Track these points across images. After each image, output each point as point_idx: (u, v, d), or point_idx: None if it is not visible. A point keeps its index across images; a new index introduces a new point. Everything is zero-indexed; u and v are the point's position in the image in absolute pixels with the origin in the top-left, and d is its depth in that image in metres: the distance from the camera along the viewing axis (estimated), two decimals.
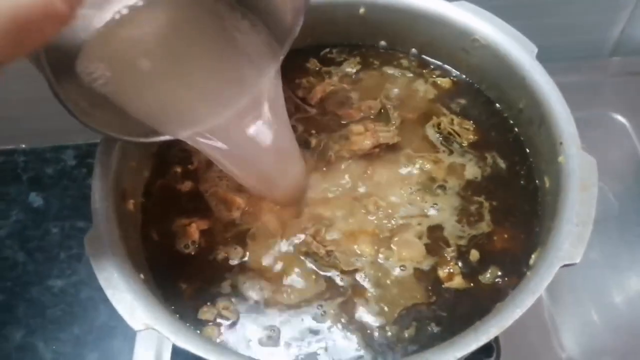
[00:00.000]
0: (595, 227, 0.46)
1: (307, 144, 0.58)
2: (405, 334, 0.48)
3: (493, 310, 0.46)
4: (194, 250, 0.53)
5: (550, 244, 0.46)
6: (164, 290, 0.50)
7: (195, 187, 0.57)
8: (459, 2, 0.59)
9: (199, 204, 0.56)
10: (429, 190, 0.55)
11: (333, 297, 0.50)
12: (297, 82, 0.63)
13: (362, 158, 0.57)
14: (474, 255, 0.51)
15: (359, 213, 0.54)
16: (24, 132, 0.81)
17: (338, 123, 0.60)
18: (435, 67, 0.64)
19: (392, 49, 0.65)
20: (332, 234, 0.53)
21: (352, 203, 0.55)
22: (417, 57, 0.65)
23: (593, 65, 0.84)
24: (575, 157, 0.50)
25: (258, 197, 0.54)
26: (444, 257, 0.51)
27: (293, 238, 0.53)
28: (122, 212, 0.51)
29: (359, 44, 0.66)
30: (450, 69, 0.64)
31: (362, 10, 0.62)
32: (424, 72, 0.64)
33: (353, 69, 0.64)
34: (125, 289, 0.44)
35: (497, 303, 0.48)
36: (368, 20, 0.63)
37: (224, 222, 0.54)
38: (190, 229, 0.53)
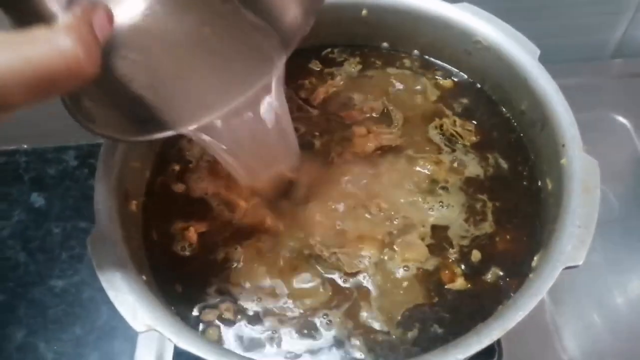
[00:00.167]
0: (597, 229, 0.46)
1: (309, 146, 0.58)
2: (409, 336, 0.48)
3: (495, 313, 0.46)
4: (194, 252, 0.53)
5: (553, 247, 0.46)
6: (166, 292, 0.50)
7: (196, 187, 0.57)
8: (461, 4, 0.59)
9: (200, 205, 0.55)
10: (432, 192, 0.55)
11: (336, 299, 0.50)
12: (299, 83, 0.63)
13: (364, 160, 0.57)
14: (476, 256, 0.51)
15: (362, 215, 0.54)
16: (26, 132, 0.81)
17: (340, 124, 0.60)
18: (438, 67, 0.64)
19: (394, 50, 0.65)
20: (335, 236, 0.53)
21: (354, 205, 0.54)
22: (419, 57, 0.65)
23: (595, 67, 0.84)
24: (578, 159, 0.50)
25: (250, 189, 0.54)
26: (447, 258, 0.51)
27: (296, 240, 0.53)
28: (124, 213, 0.51)
29: (361, 45, 0.66)
30: (453, 70, 0.64)
31: (364, 12, 0.62)
32: (427, 72, 0.64)
33: (355, 70, 0.64)
34: (128, 291, 0.44)
35: (499, 304, 0.48)
36: (370, 22, 0.63)
37: (225, 223, 0.54)
38: (189, 232, 0.53)
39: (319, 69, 0.64)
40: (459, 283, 0.50)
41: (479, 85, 0.62)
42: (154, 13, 0.45)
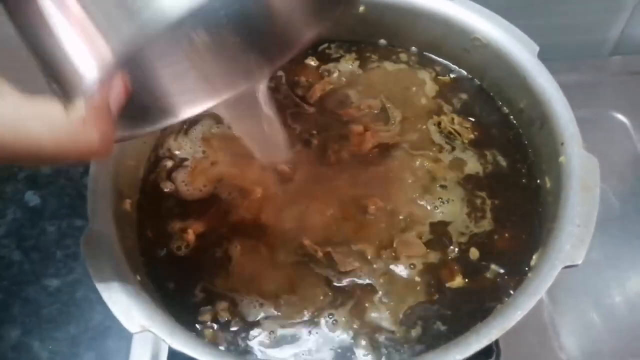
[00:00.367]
0: (596, 227, 0.46)
1: (307, 144, 0.58)
2: (412, 334, 0.48)
3: (494, 312, 0.46)
4: (189, 252, 0.52)
5: (552, 245, 0.46)
6: (161, 292, 0.50)
7: (191, 185, 0.56)
8: (460, 0, 0.58)
9: (194, 203, 0.55)
10: (431, 189, 0.55)
11: (334, 299, 0.50)
12: (296, 80, 0.62)
13: (362, 158, 0.57)
14: (475, 254, 0.51)
15: (359, 213, 0.53)
16: None
17: (338, 122, 0.59)
18: (436, 64, 0.64)
19: (392, 47, 0.65)
20: (331, 235, 0.52)
21: (352, 203, 0.54)
22: (417, 54, 0.64)
23: (593, 65, 0.84)
24: (577, 156, 0.49)
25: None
26: (445, 256, 0.51)
27: (291, 239, 0.52)
28: (118, 212, 0.50)
29: (359, 41, 0.65)
30: (451, 66, 0.63)
31: (362, 9, 0.61)
32: (425, 69, 0.63)
33: (352, 67, 0.64)
34: (121, 291, 0.44)
35: (499, 302, 0.48)
36: (368, 19, 0.62)
37: (221, 222, 0.54)
38: (186, 232, 0.53)
39: (316, 65, 0.64)
40: (458, 281, 0.50)
41: (478, 82, 0.62)
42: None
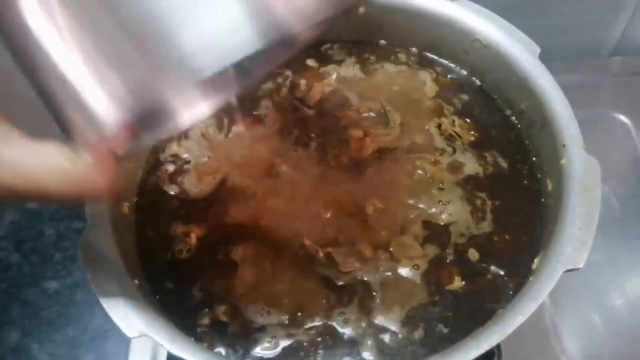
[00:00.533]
0: (597, 229, 0.45)
1: (306, 147, 0.57)
2: (415, 336, 0.48)
3: (495, 317, 0.46)
4: (191, 255, 0.52)
5: (553, 248, 0.46)
6: (160, 295, 0.50)
7: (190, 188, 0.56)
8: (460, 0, 0.58)
9: (198, 207, 0.55)
10: (430, 191, 0.54)
11: (332, 301, 0.49)
12: (295, 81, 0.62)
13: (361, 162, 0.56)
14: (474, 256, 0.51)
15: (358, 216, 0.53)
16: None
17: (337, 125, 0.59)
18: (437, 64, 0.63)
19: (392, 48, 0.64)
20: (330, 237, 0.52)
21: (351, 205, 0.54)
22: (417, 55, 0.64)
23: (594, 65, 0.84)
24: (578, 158, 0.49)
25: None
26: (444, 258, 0.51)
27: (293, 240, 0.52)
28: (116, 215, 0.50)
29: (358, 42, 0.65)
30: (452, 67, 0.63)
31: (362, 9, 0.61)
32: (425, 69, 0.63)
33: (352, 68, 0.63)
34: (119, 295, 0.43)
35: (499, 303, 0.48)
36: (367, 19, 0.62)
37: (221, 225, 0.53)
38: (188, 235, 0.53)
39: (315, 67, 0.63)
40: (458, 283, 0.50)
41: (479, 83, 0.62)
42: None
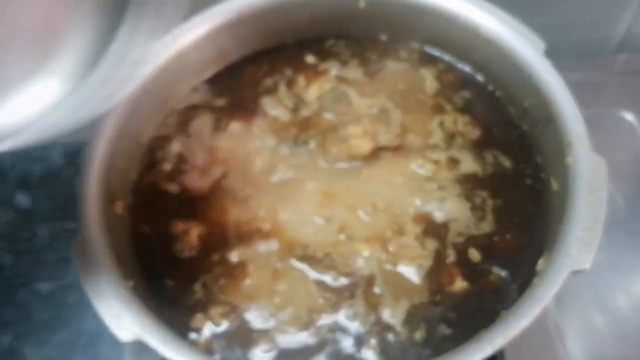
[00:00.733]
0: (603, 229, 0.45)
1: (305, 145, 0.57)
2: (417, 336, 0.47)
3: (498, 319, 0.45)
4: (188, 255, 0.52)
5: (558, 250, 0.45)
6: (154, 297, 0.49)
7: (189, 187, 0.55)
8: None
9: (194, 206, 0.54)
10: (431, 190, 0.54)
11: (332, 300, 0.49)
12: (293, 78, 0.61)
13: (360, 160, 0.56)
14: (475, 256, 0.50)
15: (357, 215, 0.53)
16: None
17: (336, 123, 0.58)
18: (439, 60, 0.62)
19: (393, 43, 0.63)
20: (329, 237, 0.52)
21: (350, 204, 0.53)
22: (419, 50, 0.63)
23: (599, 63, 0.83)
24: (584, 158, 0.49)
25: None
26: (445, 258, 0.50)
27: (290, 240, 0.52)
28: (110, 215, 0.50)
29: (359, 37, 0.64)
30: (454, 63, 0.62)
31: (363, 4, 0.60)
32: (427, 66, 0.62)
33: (352, 64, 0.62)
34: (113, 297, 0.43)
35: (501, 303, 0.47)
36: (369, 14, 0.61)
37: (217, 225, 0.53)
38: (186, 234, 0.52)
39: (314, 63, 0.62)
40: (459, 283, 0.49)
41: (482, 79, 0.61)
42: None
